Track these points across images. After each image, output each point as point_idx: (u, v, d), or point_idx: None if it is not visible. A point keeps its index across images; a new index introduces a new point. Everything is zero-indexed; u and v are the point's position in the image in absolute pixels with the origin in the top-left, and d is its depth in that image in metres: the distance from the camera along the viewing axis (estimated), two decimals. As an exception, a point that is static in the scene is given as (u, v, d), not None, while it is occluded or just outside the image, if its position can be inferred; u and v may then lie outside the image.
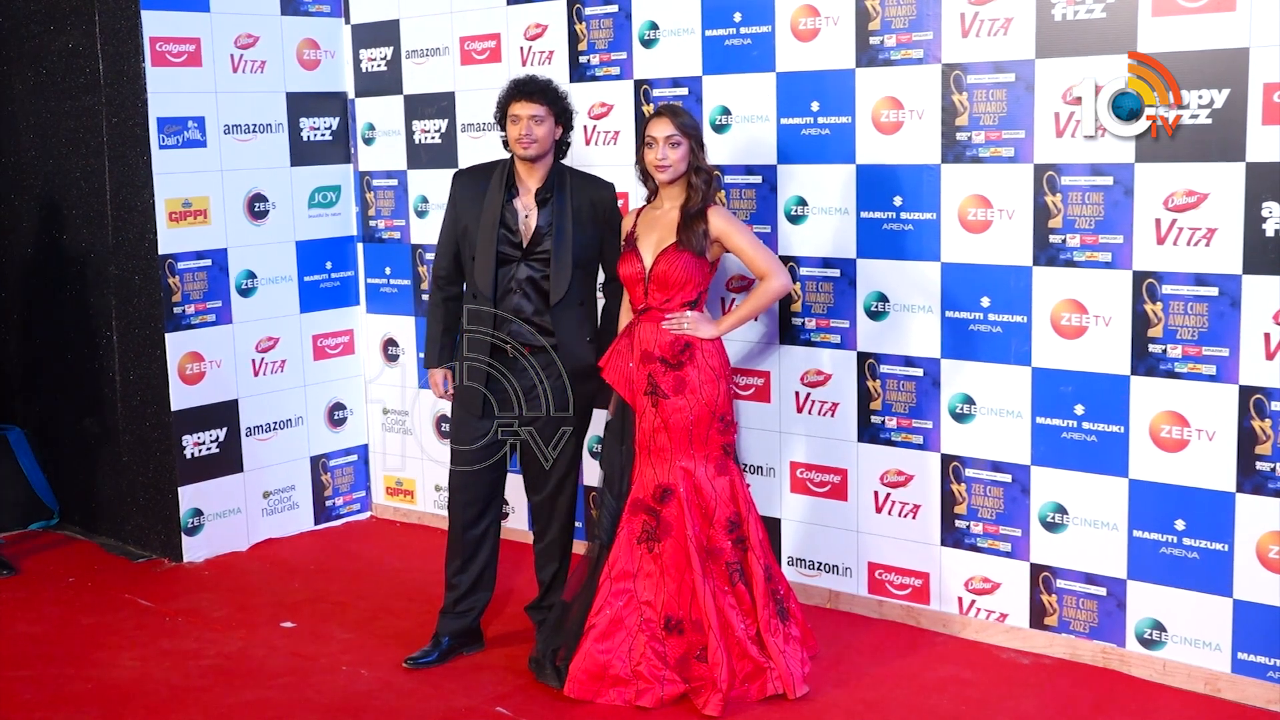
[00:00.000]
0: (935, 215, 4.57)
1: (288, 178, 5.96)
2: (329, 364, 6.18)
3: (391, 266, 6.17)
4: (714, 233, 4.22)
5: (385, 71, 6.06)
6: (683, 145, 4.21)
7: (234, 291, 5.77)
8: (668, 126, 4.21)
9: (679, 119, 4.22)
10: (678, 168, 4.23)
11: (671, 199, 4.29)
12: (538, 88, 4.39)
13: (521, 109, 4.37)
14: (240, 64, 5.74)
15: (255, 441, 5.89)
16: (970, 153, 4.48)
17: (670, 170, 4.23)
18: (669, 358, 4.23)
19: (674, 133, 4.20)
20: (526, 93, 4.38)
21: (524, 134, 4.36)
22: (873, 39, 4.63)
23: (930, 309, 4.63)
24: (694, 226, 4.20)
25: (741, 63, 4.95)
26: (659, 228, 4.29)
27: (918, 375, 4.69)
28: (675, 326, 4.23)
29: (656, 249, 4.25)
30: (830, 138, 4.77)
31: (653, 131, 4.24)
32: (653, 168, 4.25)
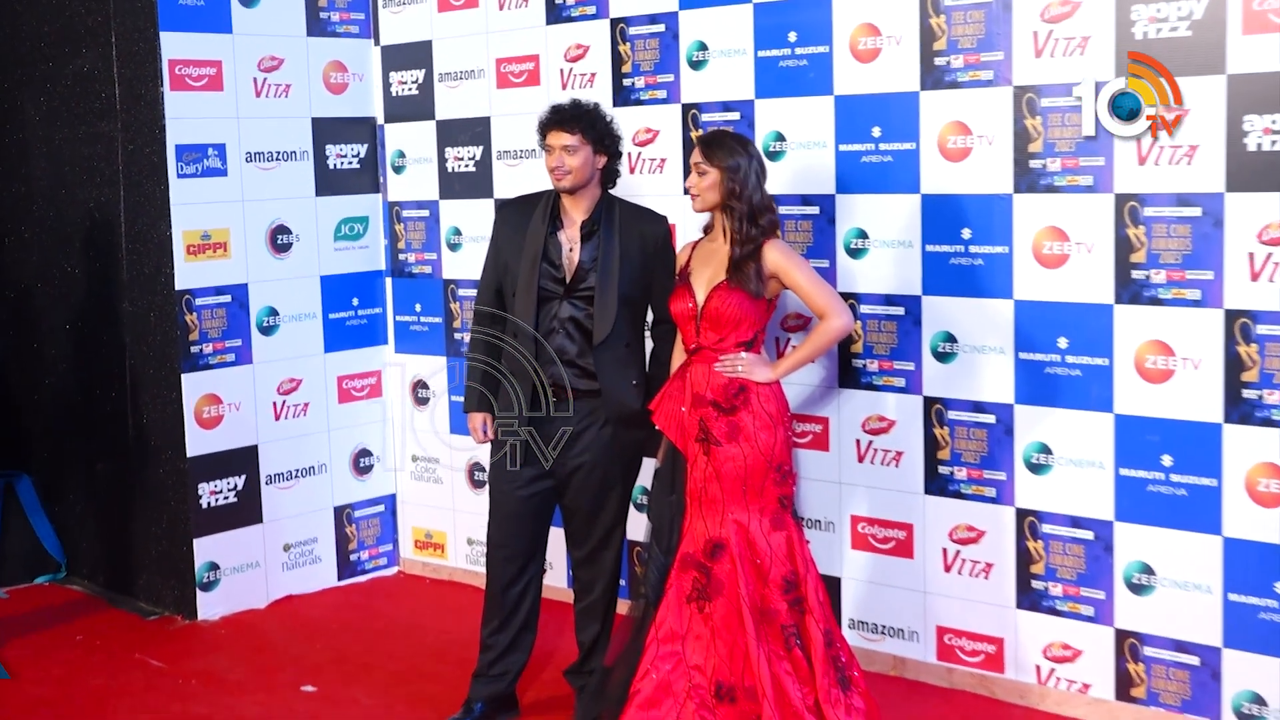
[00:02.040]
0: (1007, 249, 4.57)
1: (312, 208, 6.04)
2: (355, 407, 6.22)
3: (422, 303, 6.22)
4: (770, 268, 4.23)
5: (416, 95, 6.13)
6: (710, 175, 4.23)
7: (254, 329, 5.83)
8: (696, 153, 4.27)
9: (709, 147, 4.25)
10: (706, 198, 4.26)
11: (725, 231, 4.31)
12: (570, 115, 4.42)
13: (555, 138, 4.42)
14: (264, 88, 5.83)
15: (276, 490, 5.94)
16: (1045, 181, 4.47)
17: (698, 200, 4.28)
18: (722, 402, 4.24)
19: (700, 160, 4.25)
20: (558, 121, 4.42)
21: (556, 165, 4.41)
22: (938, 59, 4.65)
23: (1002, 350, 4.62)
24: (746, 264, 4.21)
25: (797, 85, 4.98)
26: (713, 262, 4.31)
27: (989, 422, 4.68)
28: (729, 369, 4.24)
29: (709, 285, 4.26)
30: (893, 165, 4.78)
31: (692, 158, 4.31)
32: (690, 196, 4.32)
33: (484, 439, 4.60)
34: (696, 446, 4.26)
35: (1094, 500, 4.49)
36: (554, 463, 4.48)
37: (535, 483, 4.50)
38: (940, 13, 4.63)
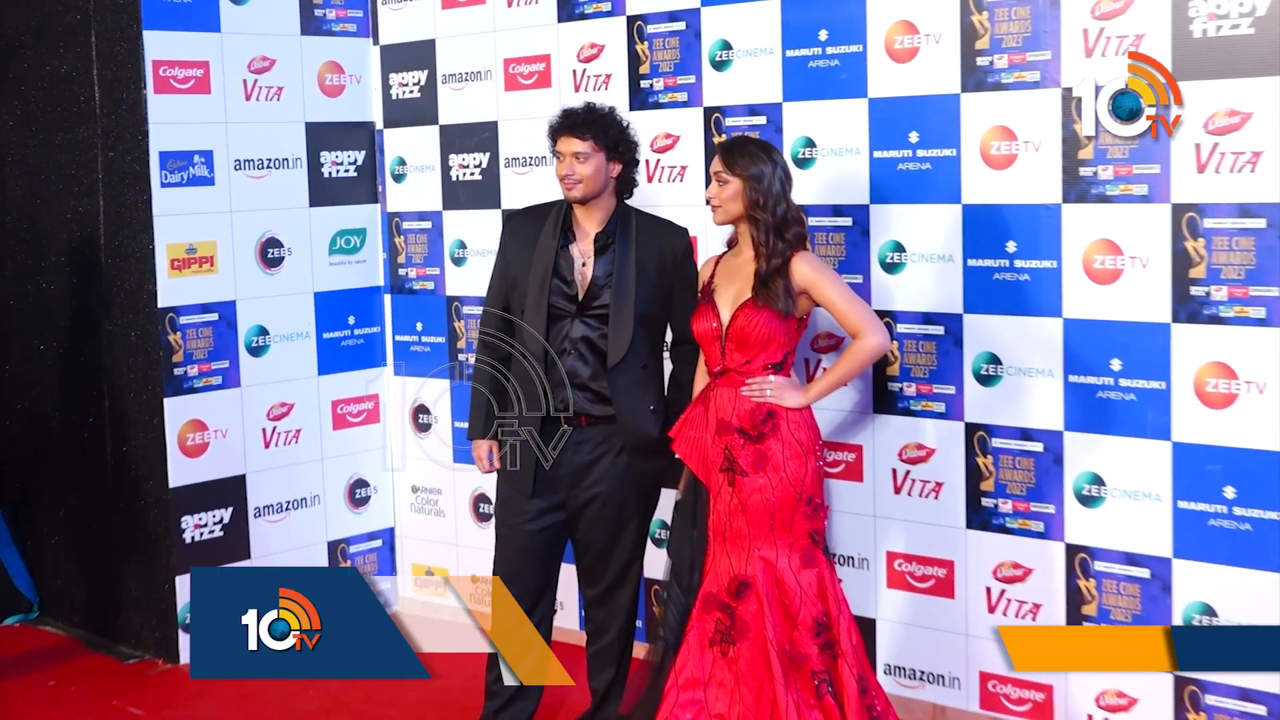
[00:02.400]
0: (1056, 263, 4.59)
1: (306, 220, 6.08)
2: (350, 434, 6.25)
3: (424, 321, 6.26)
4: (799, 283, 4.25)
5: (418, 99, 6.17)
6: (732, 185, 4.26)
7: (243, 350, 5.87)
8: (717, 162, 4.30)
9: (730, 155, 4.28)
10: (728, 209, 4.29)
11: (750, 245, 4.34)
12: (581, 120, 4.46)
13: (565, 144, 4.46)
14: (254, 90, 5.87)
15: (265, 524, 5.96)
16: (1096, 190, 4.50)
17: (719, 211, 4.31)
18: (748, 429, 4.25)
19: (721, 169, 4.28)
20: (568, 126, 4.45)
21: (567, 173, 4.45)
22: (980, 59, 4.68)
23: (1051, 373, 4.64)
24: (773, 279, 4.23)
25: (828, 87, 5.01)
26: (738, 278, 4.33)
27: (1037, 450, 4.69)
28: (756, 393, 4.26)
29: (735, 303, 4.28)
30: (931, 173, 4.81)
31: (710, 168, 4.35)
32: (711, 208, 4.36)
33: (489, 469, 4.63)
34: (721, 477, 4.27)
35: (1150, 535, 4.49)
36: (566, 495, 4.50)
37: (545, 515, 4.53)
38: (983, 9, 4.66)
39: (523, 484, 4.50)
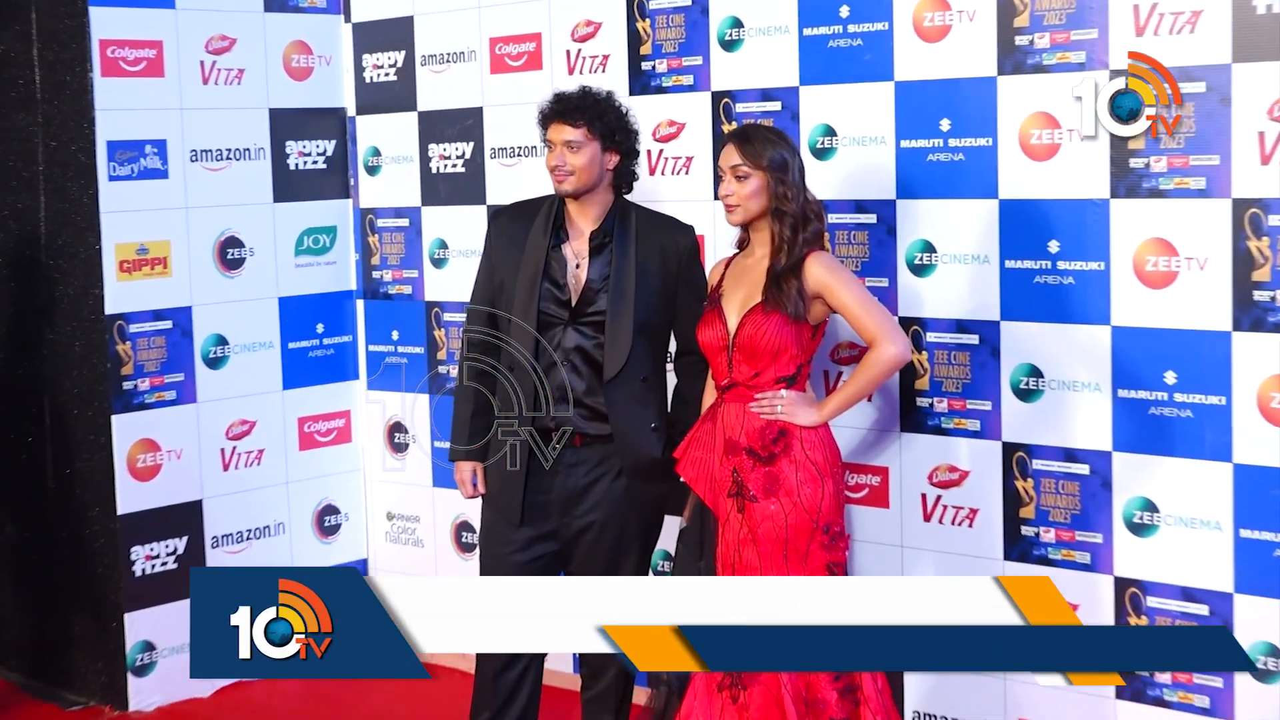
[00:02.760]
0: (1103, 265, 4.57)
1: (270, 217, 6.06)
2: (318, 455, 6.24)
3: (400, 330, 6.23)
4: (813, 287, 4.23)
5: (395, 82, 6.16)
6: (753, 179, 4.24)
7: (200, 362, 5.85)
8: (733, 155, 4.26)
9: (748, 145, 4.25)
10: (748, 207, 4.26)
11: (763, 245, 4.32)
12: (574, 104, 4.45)
13: (555, 133, 4.43)
14: (212, 73, 5.86)
15: (224, 555, 5.94)
16: (1149, 184, 4.47)
17: (739, 211, 4.27)
18: (759, 449, 4.23)
19: (740, 162, 4.24)
20: (559, 112, 4.44)
21: (558, 164, 4.42)
22: (1019, 38, 4.66)
23: (1098, 387, 4.61)
24: (785, 282, 4.21)
25: (850, 69, 4.99)
26: (747, 281, 4.31)
27: (1082, 473, 4.66)
28: (766, 409, 4.23)
29: (742, 309, 4.26)
30: (965, 165, 4.79)
31: (720, 162, 4.30)
32: (725, 207, 4.30)
33: (473, 493, 4.60)
34: (729, 502, 4.25)
35: (1209, 568, 4.47)
36: (558, 523, 4.48)
37: (535, 545, 4.50)
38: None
39: (510, 510, 4.47)
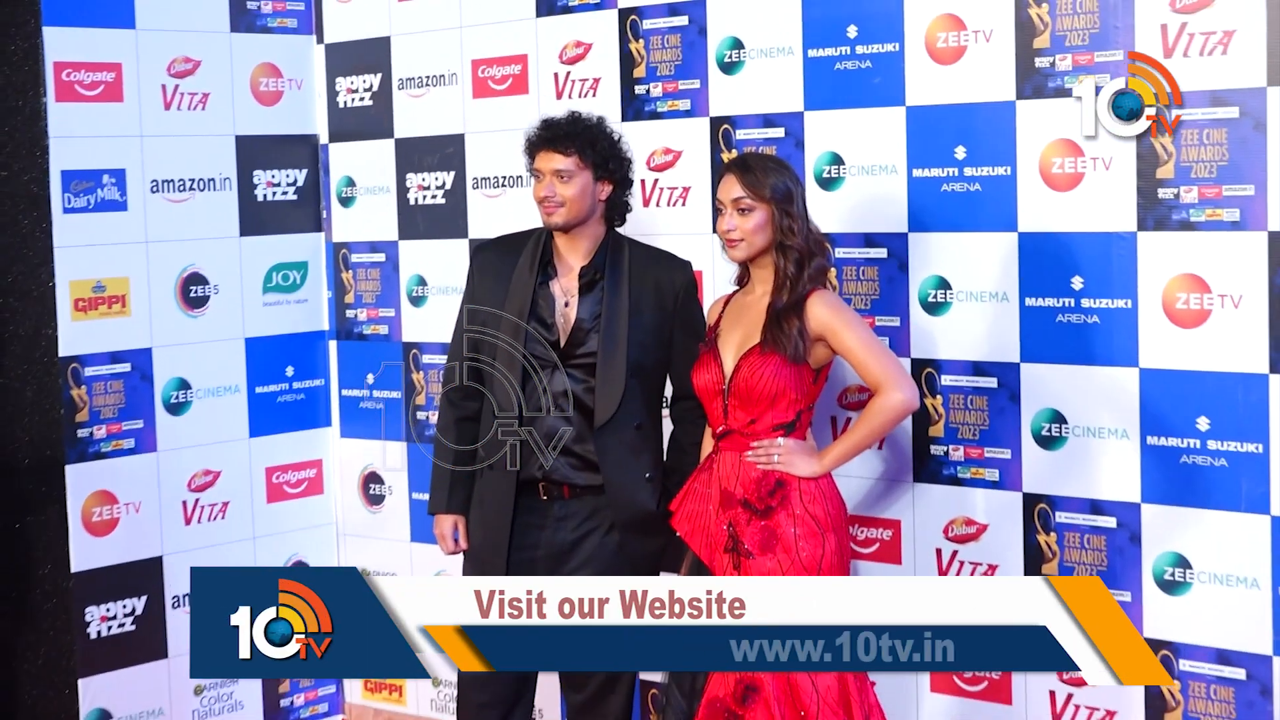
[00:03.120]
0: (1130, 302, 4.59)
1: (236, 251, 6.08)
2: (288, 508, 6.25)
3: (376, 373, 6.26)
4: (816, 328, 4.24)
5: (370, 107, 6.19)
6: (757, 212, 4.24)
7: (160, 408, 5.86)
8: (734, 186, 4.26)
9: (751, 175, 4.25)
10: (752, 242, 4.27)
11: (765, 282, 4.35)
12: (564, 131, 4.45)
13: (544, 161, 4.45)
14: (175, 98, 5.88)
15: (184, 616, 5.91)
16: (1178, 216, 4.50)
17: (742, 246, 4.28)
18: (754, 501, 4.24)
19: (742, 194, 4.24)
20: (548, 139, 4.45)
21: (547, 194, 4.44)
22: (1040, 60, 4.69)
23: (1125, 434, 4.63)
24: (786, 321, 4.22)
25: (859, 94, 5.02)
26: (745, 321, 4.33)
27: (1109, 527, 4.68)
28: (762, 459, 4.24)
29: (739, 350, 4.29)
30: (982, 196, 4.81)
31: (720, 194, 4.30)
32: (724, 243, 4.32)
33: (454, 549, 4.60)
34: (724, 559, 4.26)
35: (1247, 629, 4.46)
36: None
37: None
38: (1042, 1, 4.69)
39: (494, 566, 4.48)
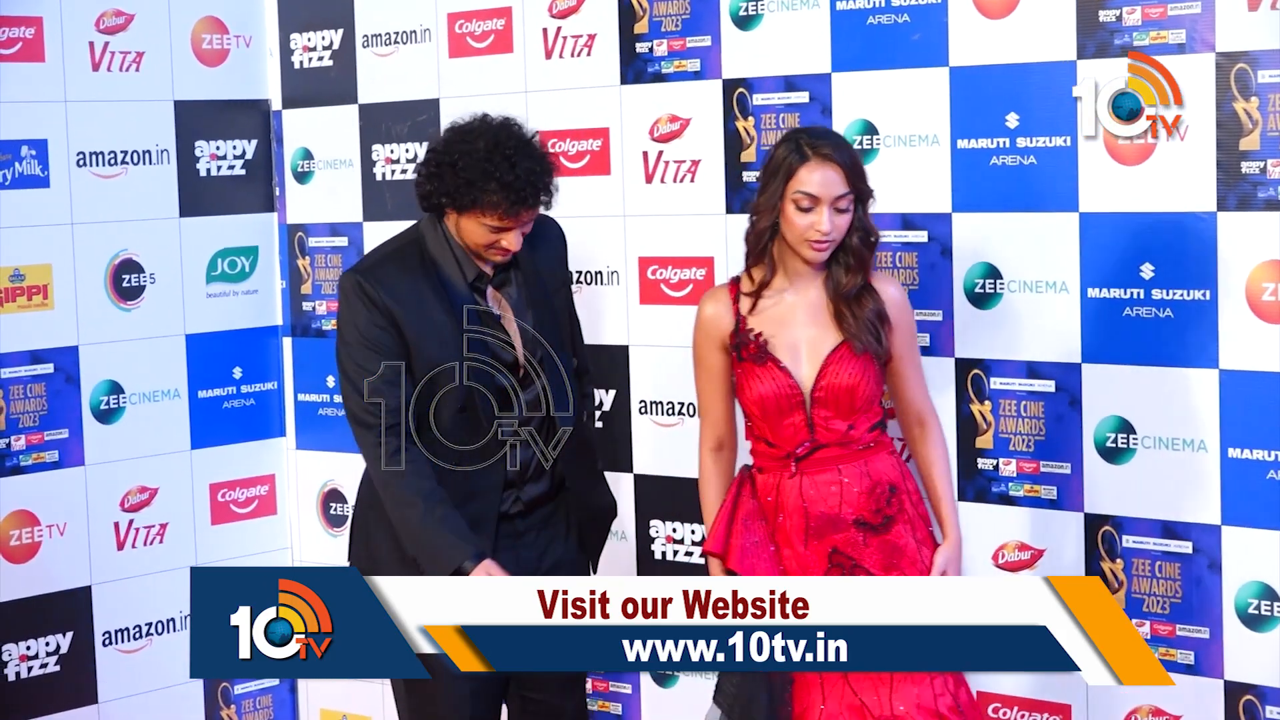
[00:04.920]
0: (1208, 294, 4.59)
1: (175, 235, 6.08)
2: (236, 530, 6.25)
3: (337, 375, 6.22)
4: (893, 313, 4.33)
5: (330, 68, 6.19)
6: (852, 210, 4.24)
7: (88, 415, 5.85)
8: (838, 182, 4.21)
9: (855, 169, 4.23)
10: (839, 240, 4.28)
11: (798, 275, 4.34)
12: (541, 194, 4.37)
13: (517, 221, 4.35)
14: (104, 57, 5.88)
15: (117, 655, 5.93)
16: (1265, 193, 4.49)
17: (830, 247, 4.26)
18: (870, 517, 4.28)
19: (848, 192, 4.21)
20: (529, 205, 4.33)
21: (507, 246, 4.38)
22: (1104, 14, 4.68)
23: (1203, 446, 4.62)
24: (859, 306, 4.26)
25: (894, 53, 5.02)
26: (796, 320, 4.32)
27: (1184, 552, 4.67)
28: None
29: (814, 352, 4.29)
30: (1037, 170, 4.81)
31: (811, 187, 4.22)
32: (802, 243, 4.25)
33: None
34: None
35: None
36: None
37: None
38: (1106, -56, 4.70)
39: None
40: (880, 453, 4.34)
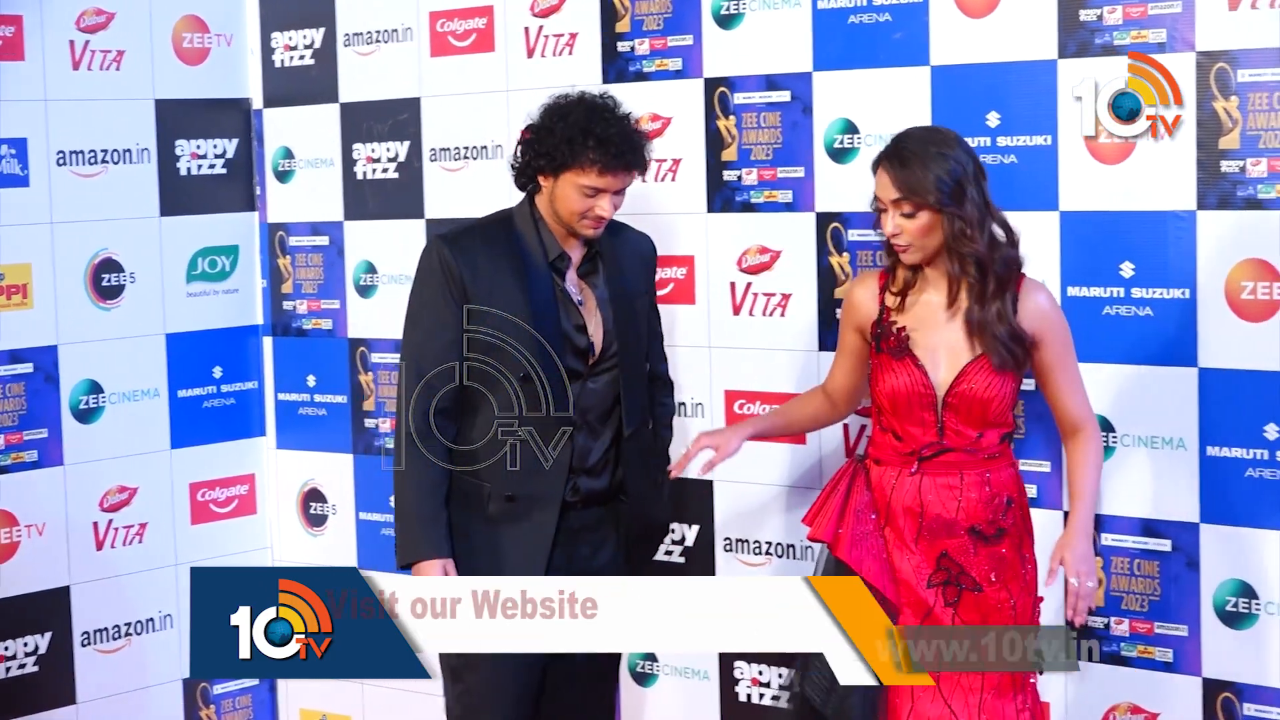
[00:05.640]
0: (1188, 292, 4.59)
1: (155, 234, 6.07)
2: (216, 530, 6.24)
3: (318, 374, 6.24)
4: (1034, 325, 4.28)
5: (311, 66, 6.19)
6: (923, 214, 4.20)
7: (67, 414, 5.85)
8: (889, 185, 4.22)
9: (907, 173, 4.19)
10: (924, 245, 4.24)
11: (939, 280, 4.34)
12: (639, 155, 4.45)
13: (613, 181, 4.41)
14: (85, 56, 5.87)
15: (95, 655, 5.92)
16: (1244, 193, 4.49)
17: (914, 251, 4.25)
18: (984, 526, 4.30)
19: (900, 197, 4.20)
20: (626, 163, 4.41)
21: (600, 213, 4.42)
22: (1085, 12, 4.69)
23: (1181, 444, 4.63)
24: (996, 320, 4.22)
25: (876, 52, 5.02)
26: (939, 323, 4.32)
27: (1163, 550, 4.69)
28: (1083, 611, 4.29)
29: (953, 357, 4.29)
30: (1018, 169, 4.81)
31: (876, 189, 4.28)
32: (886, 243, 4.32)
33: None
34: (930, 594, 4.29)
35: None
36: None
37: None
38: (1087, -58, 4.71)
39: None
40: (1003, 463, 4.36)
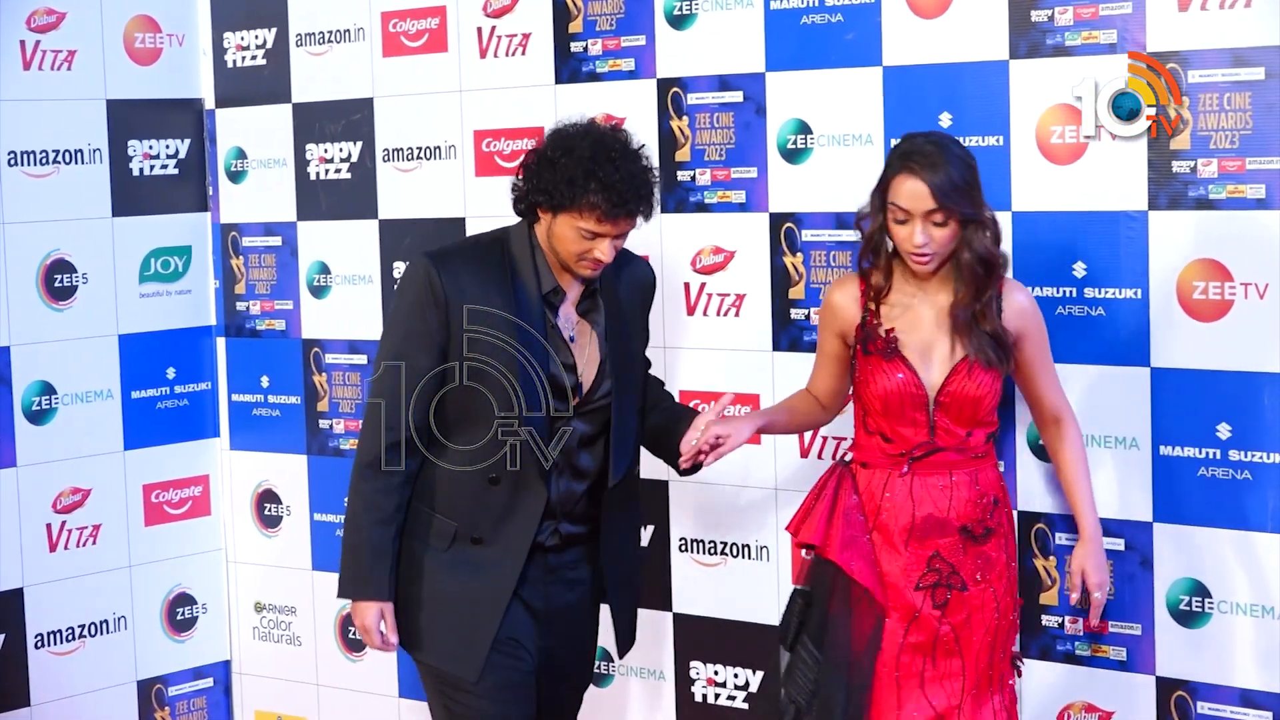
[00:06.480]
0: (1140, 292, 4.61)
1: (108, 234, 6.05)
2: (169, 531, 6.23)
3: (271, 375, 6.23)
4: (1018, 324, 4.31)
5: (263, 66, 6.17)
6: (952, 224, 4.18)
7: (19, 416, 5.83)
8: (925, 198, 4.15)
9: (947, 185, 4.14)
10: (944, 253, 4.24)
11: (927, 280, 4.33)
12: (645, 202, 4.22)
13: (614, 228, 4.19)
14: (36, 55, 5.85)
15: (49, 657, 5.90)
16: (1196, 192, 4.51)
17: (934, 260, 4.23)
18: (974, 526, 4.30)
19: (936, 209, 4.14)
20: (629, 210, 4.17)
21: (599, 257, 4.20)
22: (1036, 14, 4.69)
23: (1134, 443, 4.65)
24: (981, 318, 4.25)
25: (828, 52, 5.02)
26: (926, 324, 4.32)
27: (1116, 549, 4.67)
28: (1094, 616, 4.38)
29: (944, 358, 4.29)
30: (971, 170, 4.82)
31: (901, 199, 4.19)
32: (906, 253, 4.25)
33: (381, 644, 4.38)
34: (918, 596, 4.29)
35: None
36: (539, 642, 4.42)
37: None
38: (1039, -55, 4.72)
39: (469, 665, 4.32)
40: (988, 464, 4.38)
